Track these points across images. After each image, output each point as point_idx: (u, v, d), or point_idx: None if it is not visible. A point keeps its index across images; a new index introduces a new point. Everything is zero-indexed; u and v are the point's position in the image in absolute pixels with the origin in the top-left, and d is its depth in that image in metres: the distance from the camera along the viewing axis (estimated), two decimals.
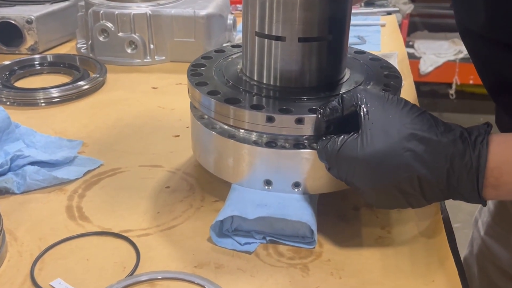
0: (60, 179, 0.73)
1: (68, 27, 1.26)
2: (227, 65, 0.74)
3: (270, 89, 0.68)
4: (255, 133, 0.65)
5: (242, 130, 0.65)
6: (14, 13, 1.17)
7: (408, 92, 1.03)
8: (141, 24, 1.13)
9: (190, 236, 0.64)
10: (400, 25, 3.42)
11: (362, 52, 0.80)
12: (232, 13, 1.26)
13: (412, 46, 3.66)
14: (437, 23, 3.97)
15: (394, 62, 1.15)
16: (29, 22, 1.16)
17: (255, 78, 0.69)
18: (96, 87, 1.03)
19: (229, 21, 1.22)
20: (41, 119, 0.93)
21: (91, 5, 1.15)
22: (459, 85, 3.54)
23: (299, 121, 0.61)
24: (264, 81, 0.68)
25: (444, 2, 4.03)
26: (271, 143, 0.64)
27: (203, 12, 1.13)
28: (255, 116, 0.62)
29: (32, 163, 0.74)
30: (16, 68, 1.07)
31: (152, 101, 1.00)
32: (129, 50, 1.15)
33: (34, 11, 1.18)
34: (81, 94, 1.00)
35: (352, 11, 1.46)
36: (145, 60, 1.16)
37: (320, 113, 0.60)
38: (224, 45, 1.14)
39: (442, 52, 3.52)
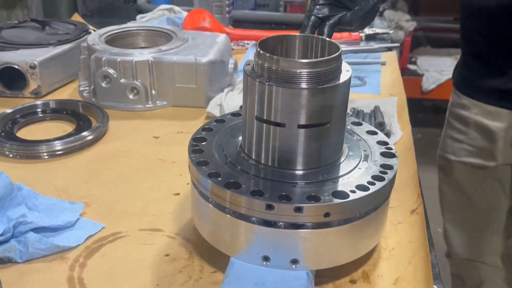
0: (61, 247, 0.74)
1: (71, 69, 1.28)
2: (228, 140, 0.75)
3: (269, 171, 0.69)
4: None
5: None
6: (18, 58, 1.18)
7: (404, 140, 1.04)
8: (143, 70, 1.15)
9: None
10: (403, 43, 3.44)
11: (359, 124, 0.81)
12: (233, 58, 1.26)
13: (414, 63, 3.67)
14: (440, 37, 3.98)
15: (393, 108, 1.16)
16: (32, 67, 1.18)
17: (254, 158, 0.70)
18: (98, 137, 1.05)
19: (230, 65, 1.23)
20: (44, 173, 0.94)
21: (93, 51, 1.16)
22: None
23: (298, 209, 0.62)
24: (263, 162, 0.70)
25: (446, 16, 4.05)
26: (269, 222, 0.65)
27: (204, 59, 1.15)
28: (254, 203, 0.63)
29: (35, 229, 0.76)
30: (18, 116, 1.08)
31: (153, 152, 1.01)
32: (131, 96, 1.16)
33: (37, 56, 1.19)
34: (84, 145, 1.02)
35: (353, 48, 1.49)
36: (147, 105, 1.17)
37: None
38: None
39: (445, 69, 3.52)
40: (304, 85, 0.65)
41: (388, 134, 1.06)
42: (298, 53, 0.74)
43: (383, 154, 0.74)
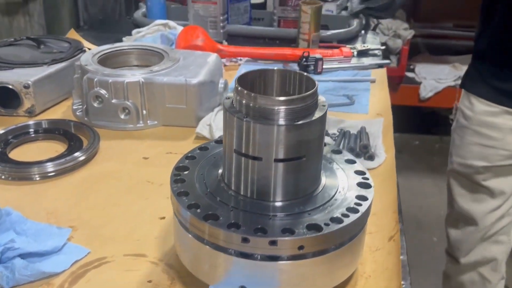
0: (47, 273, 0.77)
1: (65, 87, 1.30)
2: (209, 169, 0.77)
3: (247, 202, 0.71)
4: None
5: None
6: (12, 78, 1.21)
7: (387, 163, 1.07)
8: (134, 91, 1.17)
9: None
10: (401, 51, 3.46)
11: (339, 152, 0.84)
12: (223, 77, 1.29)
13: (413, 70, 3.69)
14: (440, 44, 4.00)
15: (378, 129, 1.18)
16: (26, 87, 1.20)
17: (233, 188, 0.73)
18: (89, 158, 1.07)
19: (221, 85, 1.26)
20: (35, 195, 0.96)
21: (86, 71, 1.19)
22: None
23: (273, 243, 0.65)
24: (242, 193, 0.72)
25: (446, 22, 4.06)
26: (246, 254, 0.68)
27: (194, 81, 1.17)
28: (231, 236, 0.65)
29: (22, 254, 0.78)
30: (10, 137, 1.11)
31: (142, 174, 1.04)
32: (122, 116, 1.19)
33: (31, 75, 1.22)
34: (75, 166, 1.04)
35: (343, 65, 1.51)
36: (138, 125, 1.20)
37: None
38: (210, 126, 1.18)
39: (443, 78, 3.54)
40: (280, 122, 0.68)
41: (372, 157, 1.08)
42: (276, 87, 0.76)
43: (359, 185, 0.76)
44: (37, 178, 1.02)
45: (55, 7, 2.70)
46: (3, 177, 1.01)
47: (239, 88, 0.69)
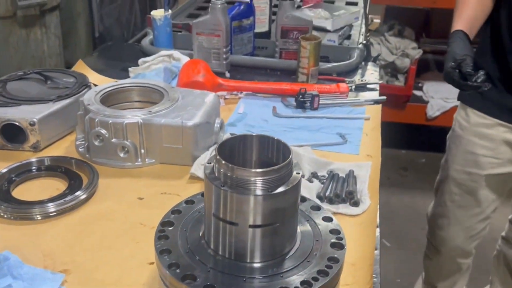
0: None
1: (69, 122, 1.36)
2: (193, 225, 0.83)
3: (225, 263, 0.76)
4: None
5: None
6: (19, 115, 1.27)
7: (370, 210, 1.11)
8: (133, 131, 1.23)
9: None
10: (408, 71, 3.49)
11: (318, 209, 0.88)
12: (220, 117, 1.34)
13: (420, 89, 3.71)
14: None
15: (366, 173, 1.22)
16: (31, 124, 1.27)
17: (212, 247, 0.78)
18: (88, 197, 1.13)
19: (217, 125, 1.31)
20: (34, 236, 1.02)
21: (88, 111, 1.25)
22: None
23: None
24: (220, 253, 0.77)
25: None
26: None
27: (190, 123, 1.22)
28: None
29: None
30: (13, 176, 1.17)
31: (136, 215, 1.09)
32: (121, 154, 1.25)
33: (37, 113, 1.28)
34: (75, 206, 1.10)
35: (339, 101, 1.55)
36: (136, 163, 1.26)
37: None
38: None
39: (450, 97, 3.56)
40: (255, 192, 0.73)
41: (357, 203, 1.12)
42: (256, 152, 0.82)
43: (332, 245, 0.81)
44: (38, 218, 1.08)
45: (71, 19, 2.78)
46: (5, 216, 1.07)
47: (218, 157, 0.75)
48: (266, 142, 0.81)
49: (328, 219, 0.87)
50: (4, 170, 1.17)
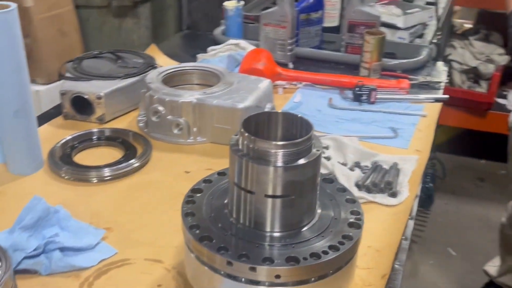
0: (77, 267, 0.91)
1: (134, 99, 1.46)
2: (220, 194, 0.88)
3: (243, 230, 0.81)
4: None
5: None
6: (88, 88, 1.39)
7: (406, 202, 1.11)
8: (187, 110, 1.30)
9: None
10: (492, 77, 3.34)
11: (343, 190, 0.91)
12: (272, 102, 1.38)
13: (505, 97, 3.54)
14: None
15: (410, 167, 1.22)
16: (98, 98, 1.38)
17: (234, 216, 0.83)
18: (140, 166, 1.22)
19: (267, 110, 1.35)
20: (87, 197, 1.12)
21: (149, 89, 1.34)
22: None
23: (253, 269, 0.74)
24: (241, 221, 0.82)
25: None
26: (232, 276, 0.77)
27: (240, 105, 1.28)
28: (218, 259, 0.75)
29: (61, 248, 0.93)
30: (76, 142, 1.28)
31: (180, 187, 1.14)
32: (175, 131, 1.32)
33: (104, 88, 1.39)
34: (128, 173, 1.19)
35: (397, 97, 1.54)
36: (188, 140, 1.33)
37: None
38: None
39: None
40: (272, 163, 0.77)
41: (394, 194, 1.13)
42: (280, 129, 0.85)
43: (350, 225, 0.83)
44: (94, 181, 1.18)
45: (161, 11, 2.92)
46: (66, 177, 1.18)
47: (242, 130, 0.79)
48: (290, 119, 0.84)
49: (351, 201, 0.89)
50: (68, 138, 1.29)
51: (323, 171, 1.21)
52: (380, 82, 1.63)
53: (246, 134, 0.78)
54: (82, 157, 1.27)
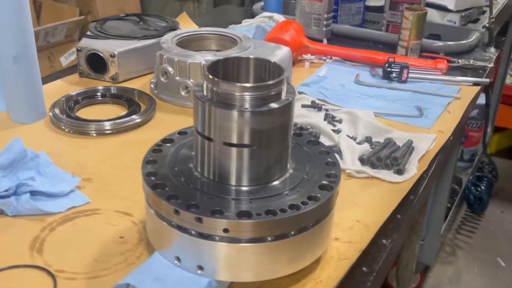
0: (43, 211, 0.88)
1: (150, 62, 1.42)
2: (190, 146, 0.81)
3: (209, 183, 0.74)
4: None
5: None
6: (103, 47, 1.37)
7: (410, 181, 1.00)
8: (196, 72, 1.25)
9: None
10: None
11: (316, 143, 0.83)
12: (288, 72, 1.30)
13: None
14: None
15: (426, 146, 1.11)
16: (112, 56, 1.35)
17: (199, 170, 0.76)
18: (141, 123, 1.18)
19: None
20: (79, 148, 1.09)
21: (160, 49, 1.30)
22: None
23: (199, 220, 0.67)
24: (205, 174, 0.75)
25: None
26: (181, 227, 0.71)
27: None
28: (167, 207, 0.70)
29: (33, 192, 0.91)
30: (80, 98, 1.26)
31: None
32: (183, 93, 1.28)
33: (119, 46, 1.37)
34: (127, 128, 1.16)
35: (431, 77, 1.41)
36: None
37: None
38: None
39: None
40: (234, 107, 0.70)
41: (400, 171, 1.02)
42: (252, 76, 0.78)
43: (321, 187, 0.75)
44: (93, 134, 1.15)
45: None
46: (66, 130, 1.16)
47: (206, 73, 0.73)
48: (263, 65, 0.77)
49: (331, 164, 0.80)
50: (73, 93, 1.27)
51: (328, 143, 1.12)
52: (415, 60, 1.51)
53: (210, 77, 0.72)
54: (85, 112, 1.25)
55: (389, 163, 1.04)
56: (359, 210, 0.92)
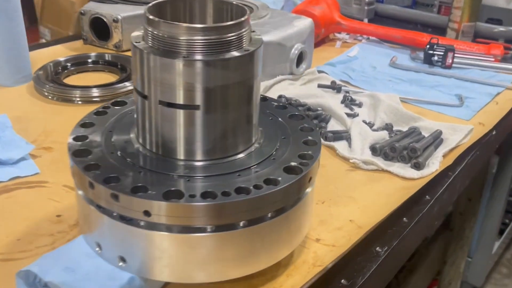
0: None
1: None
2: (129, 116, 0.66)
3: (152, 157, 0.59)
4: None
5: None
6: (108, 11, 1.24)
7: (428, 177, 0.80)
8: None
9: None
10: None
11: (284, 108, 0.66)
12: (302, 45, 1.12)
13: None
14: None
15: (458, 138, 0.90)
16: (115, 21, 1.23)
17: (140, 141, 0.61)
18: (130, 93, 1.04)
19: (294, 51, 1.10)
20: (53, 115, 0.97)
21: None
22: None
23: (115, 196, 0.52)
24: (147, 147, 0.60)
25: None
26: (100, 207, 0.56)
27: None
28: (82, 179, 0.55)
29: None
30: (69, 64, 1.14)
31: None
32: None
33: (123, 11, 1.24)
34: (117, 97, 1.01)
35: (482, 63, 1.19)
36: None
37: None
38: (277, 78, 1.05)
39: None
40: (175, 55, 0.54)
41: (418, 165, 0.82)
42: (210, 21, 0.62)
43: (287, 169, 0.57)
44: (79, 102, 1.03)
45: None
46: (49, 97, 1.04)
47: (146, 14, 0.57)
48: (223, 8, 0.61)
49: (312, 143, 0.62)
50: (61, 59, 1.15)
51: (339, 128, 0.94)
52: (464, 44, 1.29)
53: (150, 17, 0.56)
54: (75, 79, 1.13)
55: (406, 154, 0.84)
56: (356, 208, 0.74)
